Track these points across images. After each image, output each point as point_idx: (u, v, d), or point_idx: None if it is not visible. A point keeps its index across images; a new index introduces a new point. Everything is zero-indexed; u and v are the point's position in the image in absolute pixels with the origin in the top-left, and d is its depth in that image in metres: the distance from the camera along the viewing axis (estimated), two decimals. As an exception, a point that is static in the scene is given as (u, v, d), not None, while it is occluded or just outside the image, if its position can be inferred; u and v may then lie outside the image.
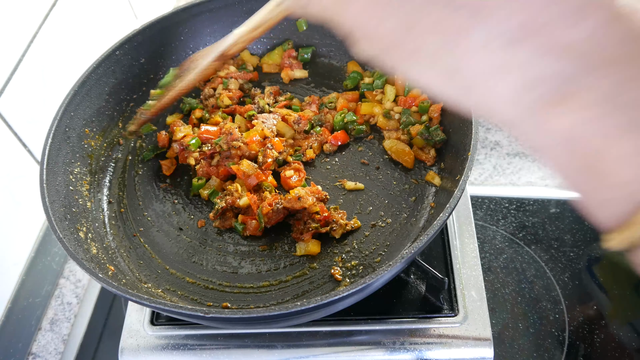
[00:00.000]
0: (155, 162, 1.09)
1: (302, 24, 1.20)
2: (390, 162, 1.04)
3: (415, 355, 0.89)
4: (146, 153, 1.10)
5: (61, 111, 0.97)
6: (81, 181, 0.99)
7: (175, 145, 1.07)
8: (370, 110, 1.09)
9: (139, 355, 0.90)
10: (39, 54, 1.15)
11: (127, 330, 0.92)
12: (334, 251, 0.94)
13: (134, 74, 1.12)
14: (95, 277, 0.77)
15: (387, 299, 0.94)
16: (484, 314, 0.92)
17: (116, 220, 1.00)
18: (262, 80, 1.21)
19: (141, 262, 0.95)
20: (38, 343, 1.13)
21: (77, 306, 1.17)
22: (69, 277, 1.22)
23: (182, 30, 1.16)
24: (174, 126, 1.09)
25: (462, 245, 1.00)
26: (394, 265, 0.72)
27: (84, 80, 1.02)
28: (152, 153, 1.10)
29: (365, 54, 0.47)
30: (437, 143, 1.01)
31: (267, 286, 0.91)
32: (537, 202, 1.28)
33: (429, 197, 0.98)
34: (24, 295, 1.14)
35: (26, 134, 1.12)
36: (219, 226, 0.98)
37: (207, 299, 0.90)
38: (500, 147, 1.37)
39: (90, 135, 1.04)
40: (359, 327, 0.91)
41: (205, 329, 0.91)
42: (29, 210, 1.16)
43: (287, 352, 0.89)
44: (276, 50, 1.21)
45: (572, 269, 1.18)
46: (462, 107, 0.45)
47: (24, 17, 1.11)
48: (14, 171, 1.10)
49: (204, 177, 1.03)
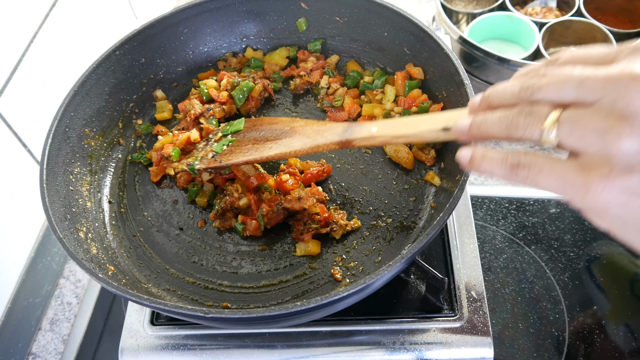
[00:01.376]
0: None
1: (302, 23, 1.20)
2: (390, 163, 1.04)
3: (415, 355, 0.89)
4: (135, 155, 1.09)
5: (61, 111, 0.97)
6: (81, 181, 0.99)
7: (154, 154, 1.06)
8: (371, 111, 1.09)
9: (139, 355, 0.90)
10: (39, 54, 1.15)
11: (127, 330, 0.92)
12: (334, 251, 0.94)
13: (134, 74, 1.12)
14: (95, 277, 0.77)
15: (387, 299, 0.94)
16: (484, 314, 0.92)
17: (116, 220, 1.00)
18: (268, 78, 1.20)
19: (141, 262, 0.95)
20: (38, 343, 1.13)
21: (77, 306, 1.17)
22: (69, 277, 1.22)
23: (182, 30, 1.16)
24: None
25: (462, 245, 1.00)
26: (394, 265, 0.72)
27: (84, 80, 1.02)
28: (140, 156, 1.09)
29: None
30: (437, 144, 1.01)
31: (267, 286, 0.91)
32: (537, 202, 1.28)
33: (429, 197, 0.98)
34: (24, 295, 1.14)
35: (26, 134, 1.12)
36: (219, 226, 0.98)
37: (207, 299, 0.90)
38: (500, 147, 1.37)
39: (90, 135, 1.04)
40: (359, 327, 0.91)
41: (205, 329, 0.91)
42: (29, 210, 1.16)
43: (287, 352, 0.89)
44: (277, 51, 1.21)
45: (572, 269, 1.18)
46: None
47: (24, 17, 1.11)
48: (14, 171, 1.10)
49: (198, 183, 1.02)
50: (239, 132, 1.00)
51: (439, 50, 1.00)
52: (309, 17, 1.20)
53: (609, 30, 1.39)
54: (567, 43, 1.49)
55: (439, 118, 0.72)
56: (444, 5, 1.48)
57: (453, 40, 1.41)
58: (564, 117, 0.49)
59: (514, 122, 0.53)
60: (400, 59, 1.12)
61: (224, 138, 1.00)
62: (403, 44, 1.10)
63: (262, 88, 1.13)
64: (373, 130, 0.79)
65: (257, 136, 0.95)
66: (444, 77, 1.01)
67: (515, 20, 1.45)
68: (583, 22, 1.42)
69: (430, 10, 1.70)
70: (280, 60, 1.21)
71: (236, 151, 0.95)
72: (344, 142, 0.82)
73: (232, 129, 1.00)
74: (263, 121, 1.00)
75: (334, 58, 1.20)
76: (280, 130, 0.93)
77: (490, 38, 1.51)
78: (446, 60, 0.98)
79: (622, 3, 1.50)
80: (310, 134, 0.87)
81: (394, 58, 1.13)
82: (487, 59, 1.36)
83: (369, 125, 0.81)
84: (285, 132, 0.92)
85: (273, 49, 1.22)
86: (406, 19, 1.05)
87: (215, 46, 1.21)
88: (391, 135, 0.77)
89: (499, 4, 1.48)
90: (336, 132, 0.84)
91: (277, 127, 0.95)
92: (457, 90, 0.95)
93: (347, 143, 0.82)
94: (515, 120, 0.53)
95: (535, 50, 1.39)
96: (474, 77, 1.43)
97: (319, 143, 0.84)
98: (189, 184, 1.03)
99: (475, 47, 1.37)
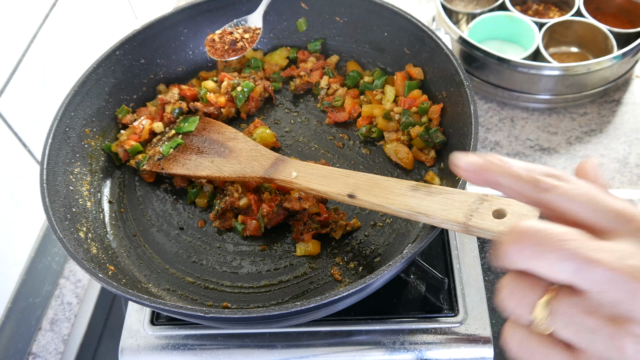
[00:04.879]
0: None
1: (302, 24, 1.20)
2: (390, 163, 1.04)
3: (415, 355, 0.89)
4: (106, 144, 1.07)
5: (61, 111, 0.97)
6: (81, 181, 0.99)
7: (120, 150, 1.06)
8: (371, 111, 1.09)
9: (139, 355, 0.90)
10: (39, 54, 1.15)
11: (127, 330, 0.92)
12: (334, 251, 0.94)
13: (134, 74, 1.12)
14: (95, 277, 0.77)
15: (387, 299, 0.94)
16: (484, 314, 0.92)
17: (116, 220, 1.00)
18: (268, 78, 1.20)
19: (141, 262, 0.95)
20: (38, 343, 1.13)
21: (77, 306, 1.17)
22: (69, 277, 1.22)
23: (182, 30, 1.16)
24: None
25: (462, 245, 1.00)
26: (394, 265, 0.72)
27: (84, 80, 1.02)
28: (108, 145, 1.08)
29: None
30: (437, 145, 1.01)
31: (267, 286, 0.91)
32: (537, 202, 1.28)
33: (429, 197, 0.98)
34: (24, 295, 1.14)
35: (26, 134, 1.12)
36: (219, 226, 0.98)
37: (207, 299, 0.90)
38: (500, 147, 1.37)
39: (90, 135, 1.04)
40: (359, 327, 0.91)
41: (205, 329, 0.91)
42: (29, 210, 1.16)
43: (287, 352, 0.89)
44: (277, 51, 1.21)
45: (572, 269, 1.18)
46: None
47: (24, 17, 1.11)
48: (14, 171, 1.10)
49: (198, 184, 1.02)
50: (190, 134, 1.04)
51: (439, 51, 1.00)
52: (309, 17, 1.20)
53: (609, 30, 1.39)
54: (567, 43, 1.49)
55: (348, 185, 0.79)
56: (444, 5, 1.48)
57: (453, 40, 1.41)
58: (556, 307, 0.41)
59: (500, 293, 0.44)
60: (400, 59, 1.12)
61: (176, 137, 1.03)
62: (403, 44, 1.10)
63: (263, 89, 1.13)
64: (293, 174, 0.87)
65: (201, 146, 1.01)
66: (444, 77, 1.01)
67: (515, 20, 1.45)
68: (583, 22, 1.42)
69: (430, 10, 1.70)
70: (280, 61, 1.21)
71: (179, 158, 1.01)
72: (267, 178, 0.90)
73: (185, 128, 1.04)
74: (213, 125, 1.05)
75: (334, 58, 1.20)
76: (221, 145, 1.00)
77: (490, 38, 1.51)
78: (446, 60, 0.98)
79: (622, 3, 1.50)
80: (242, 159, 0.95)
81: (394, 58, 1.13)
82: (487, 59, 1.36)
83: (291, 168, 0.89)
84: (224, 148, 0.99)
85: (273, 49, 1.22)
86: (406, 19, 1.05)
87: (215, 46, 1.21)
88: (305, 187, 0.85)
89: (499, 4, 1.48)
90: (264, 165, 0.93)
91: (221, 137, 1.01)
92: (457, 90, 0.95)
93: (269, 180, 0.90)
94: (500, 294, 0.44)
95: (535, 50, 1.39)
96: (474, 77, 1.43)
97: (246, 174, 0.92)
98: (188, 184, 1.03)
99: (475, 47, 1.37)
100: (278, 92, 1.18)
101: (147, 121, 1.08)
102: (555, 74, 1.33)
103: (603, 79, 1.37)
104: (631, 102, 1.44)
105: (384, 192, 0.74)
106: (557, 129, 1.40)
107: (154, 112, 1.11)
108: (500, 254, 0.43)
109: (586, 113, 1.42)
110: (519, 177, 0.47)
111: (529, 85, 1.37)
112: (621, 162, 1.33)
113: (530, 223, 0.42)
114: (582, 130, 1.39)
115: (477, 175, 0.50)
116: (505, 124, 1.42)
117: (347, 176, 0.80)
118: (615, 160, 1.33)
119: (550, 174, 0.46)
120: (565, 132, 1.39)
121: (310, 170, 0.86)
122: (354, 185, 0.78)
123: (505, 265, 0.43)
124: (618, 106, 1.43)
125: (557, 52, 1.50)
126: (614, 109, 1.43)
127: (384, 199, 0.73)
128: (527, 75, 1.34)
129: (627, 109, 1.43)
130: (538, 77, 1.34)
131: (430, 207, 0.68)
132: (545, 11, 1.54)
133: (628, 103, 1.44)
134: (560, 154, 1.35)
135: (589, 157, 0.50)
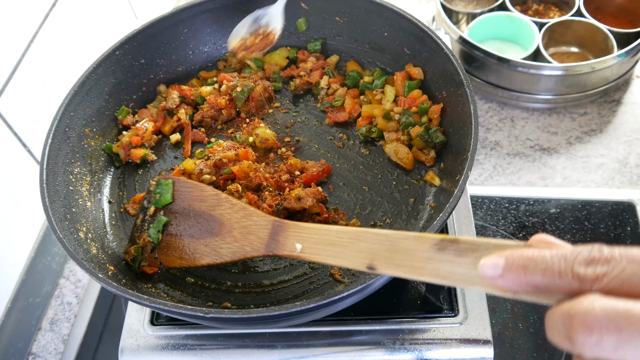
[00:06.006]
0: (155, 163, 1.09)
1: (302, 24, 1.20)
2: (390, 163, 1.04)
3: (415, 355, 0.89)
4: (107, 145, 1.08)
5: (61, 111, 0.97)
6: (81, 181, 0.99)
7: (122, 151, 1.06)
8: (371, 111, 1.09)
9: (139, 355, 0.90)
10: (39, 54, 1.15)
11: (127, 330, 0.92)
12: (334, 251, 0.94)
13: (134, 74, 1.12)
14: (95, 277, 0.77)
15: (387, 299, 0.94)
16: (484, 314, 0.92)
17: (116, 220, 1.00)
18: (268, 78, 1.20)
19: (141, 262, 0.95)
20: (38, 343, 1.13)
21: (77, 306, 1.17)
22: (69, 277, 1.22)
23: (182, 30, 1.16)
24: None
25: (462, 246, 1.00)
26: (394, 265, 0.72)
27: (84, 80, 1.02)
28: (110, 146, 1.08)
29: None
30: (437, 145, 1.01)
31: (267, 286, 0.91)
32: (537, 202, 1.28)
33: (429, 197, 0.98)
34: (24, 295, 1.14)
35: (26, 134, 1.12)
36: (219, 226, 0.98)
37: (207, 299, 0.90)
38: (500, 147, 1.38)
39: (90, 135, 1.04)
40: (359, 327, 0.91)
41: (205, 329, 0.91)
42: (29, 210, 1.16)
43: (287, 352, 0.89)
44: (277, 51, 1.21)
45: (572, 269, 1.18)
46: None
47: (23, 17, 1.11)
48: (14, 171, 1.10)
49: None
50: (171, 207, 0.91)
51: (438, 51, 1.00)
52: (309, 17, 1.20)
53: (609, 30, 1.39)
54: (567, 43, 1.49)
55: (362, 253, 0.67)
56: (444, 5, 1.48)
57: (453, 40, 1.41)
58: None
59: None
60: (400, 59, 1.12)
61: (158, 214, 0.90)
62: (403, 44, 1.10)
63: (263, 89, 1.13)
64: (297, 247, 0.75)
65: (188, 223, 0.89)
66: (444, 77, 1.01)
67: (515, 20, 1.45)
68: (583, 22, 1.42)
69: (430, 10, 1.70)
70: (280, 61, 1.21)
71: (171, 246, 0.90)
72: (270, 255, 0.81)
73: (162, 201, 0.90)
74: (192, 190, 0.91)
75: (334, 58, 1.20)
76: (208, 217, 0.88)
77: (490, 38, 1.51)
78: (446, 60, 0.98)
79: (622, 3, 1.50)
80: (237, 234, 0.85)
81: (394, 58, 1.13)
82: (487, 59, 1.36)
83: (292, 238, 0.77)
84: (213, 221, 0.87)
85: (273, 49, 1.22)
86: (406, 19, 1.05)
87: (215, 46, 1.21)
88: (315, 261, 0.74)
89: (499, 4, 1.48)
90: (262, 237, 0.81)
91: (204, 205, 0.89)
92: (457, 90, 0.95)
93: (274, 255, 0.81)
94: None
95: (535, 50, 1.39)
96: (474, 77, 1.43)
97: (247, 254, 0.82)
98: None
99: (475, 47, 1.37)
100: (278, 92, 1.18)
101: (150, 123, 1.09)
102: (555, 74, 1.33)
103: (603, 79, 1.37)
104: (631, 102, 1.44)
105: (406, 257, 0.62)
106: (557, 129, 1.40)
107: (156, 114, 1.11)
108: (568, 343, 0.38)
109: (586, 113, 1.42)
110: (559, 274, 0.42)
111: (529, 85, 1.37)
112: (621, 162, 1.33)
113: (598, 304, 0.37)
114: (582, 130, 1.39)
115: (506, 281, 0.45)
116: (505, 124, 1.42)
117: (357, 239, 0.68)
118: (615, 160, 1.33)
119: (590, 260, 0.42)
120: (565, 132, 1.39)
121: (314, 237, 0.75)
122: (368, 252, 0.66)
123: (577, 354, 0.39)
124: (618, 106, 1.44)
125: (557, 52, 1.50)
126: (614, 109, 1.43)
127: (410, 269, 0.62)
128: (527, 75, 1.35)
129: (627, 109, 1.43)
130: (538, 77, 1.34)
131: (466, 274, 0.55)
132: (545, 11, 1.54)
133: (628, 103, 1.44)
134: (560, 154, 1.35)
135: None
